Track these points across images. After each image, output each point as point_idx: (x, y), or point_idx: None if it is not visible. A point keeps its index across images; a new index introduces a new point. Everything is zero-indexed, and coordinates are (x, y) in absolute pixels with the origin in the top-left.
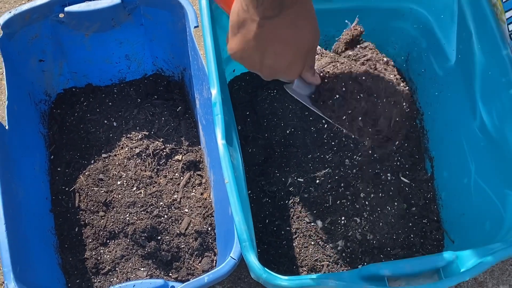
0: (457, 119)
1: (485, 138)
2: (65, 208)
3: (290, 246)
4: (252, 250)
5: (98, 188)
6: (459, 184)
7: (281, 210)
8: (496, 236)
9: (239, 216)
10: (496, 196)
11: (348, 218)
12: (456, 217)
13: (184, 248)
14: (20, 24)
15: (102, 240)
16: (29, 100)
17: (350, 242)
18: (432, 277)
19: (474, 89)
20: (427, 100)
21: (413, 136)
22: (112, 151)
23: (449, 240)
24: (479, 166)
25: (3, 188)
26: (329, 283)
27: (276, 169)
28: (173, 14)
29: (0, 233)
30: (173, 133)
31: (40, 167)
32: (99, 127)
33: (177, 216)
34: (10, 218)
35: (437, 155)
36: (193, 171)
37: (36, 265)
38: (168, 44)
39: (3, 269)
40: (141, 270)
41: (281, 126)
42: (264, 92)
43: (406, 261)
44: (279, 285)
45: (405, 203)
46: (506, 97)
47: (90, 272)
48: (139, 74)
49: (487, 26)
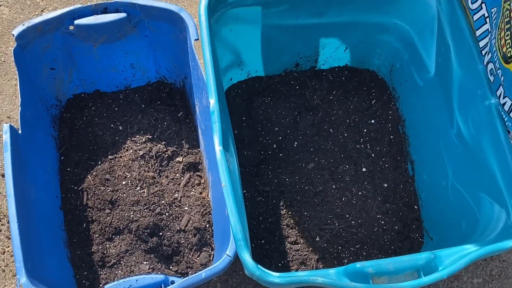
0: (436, 126)
1: (462, 145)
2: (74, 206)
3: (281, 242)
4: (247, 249)
5: (104, 187)
6: (438, 186)
7: (273, 208)
8: (472, 236)
9: (234, 217)
10: (472, 199)
11: (334, 216)
12: (434, 216)
13: (184, 243)
14: (33, 36)
15: (108, 235)
16: (41, 105)
17: (336, 239)
18: (413, 275)
19: (452, 99)
20: (409, 108)
21: (395, 140)
22: (117, 153)
23: (428, 237)
24: (456, 170)
25: (15, 188)
26: (317, 279)
27: (269, 170)
28: (175, 27)
29: (13, 231)
30: (175, 136)
31: (51, 167)
32: (106, 131)
33: (178, 214)
34: (22, 216)
35: (418, 159)
36: (193, 172)
37: (47, 259)
38: (170, 54)
39: (16, 264)
40: (144, 264)
41: (274, 131)
42: (259, 99)
43: (389, 260)
44: (271, 281)
45: (387, 203)
46: (482, 108)
47: (96, 265)
48: (144, 81)
49: (465, 42)
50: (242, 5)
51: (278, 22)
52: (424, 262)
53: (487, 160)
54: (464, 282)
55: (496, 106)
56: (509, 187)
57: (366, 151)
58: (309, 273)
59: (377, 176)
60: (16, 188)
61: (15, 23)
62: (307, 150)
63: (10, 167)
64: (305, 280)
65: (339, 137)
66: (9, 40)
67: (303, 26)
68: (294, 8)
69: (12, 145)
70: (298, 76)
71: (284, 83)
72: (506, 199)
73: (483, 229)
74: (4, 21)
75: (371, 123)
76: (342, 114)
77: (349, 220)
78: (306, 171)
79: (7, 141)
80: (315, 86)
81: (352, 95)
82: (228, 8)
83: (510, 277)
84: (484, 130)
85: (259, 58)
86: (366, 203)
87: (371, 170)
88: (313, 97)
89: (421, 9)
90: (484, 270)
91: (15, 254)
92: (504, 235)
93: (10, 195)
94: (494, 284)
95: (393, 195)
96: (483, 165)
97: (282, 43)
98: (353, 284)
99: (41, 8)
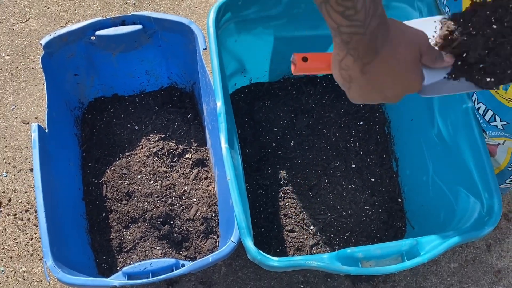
0: (418, 127)
1: (441, 144)
2: (94, 197)
3: (280, 230)
4: (249, 236)
5: (122, 181)
6: (419, 181)
7: (272, 200)
8: (450, 225)
9: (238, 207)
10: (450, 192)
11: (326, 207)
12: (416, 208)
13: (192, 231)
14: (59, 45)
15: (125, 223)
16: (66, 107)
17: (328, 227)
18: (397, 260)
19: (433, 103)
20: (394, 111)
21: (381, 140)
22: (134, 150)
23: (411, 226)
24: (436, 166)
25: (43, 181)
26: (312, 263)
27: (269, 166)
28: (186, 37)
29: (40, 219)
30: (184, 135)
31: (74, 162)
32: (123, 130)
33: (187, 205)
34: (48, 206)
35: (401, 156)
36: (201, 167)
37: (70, 244)
38: (181, 62)
39: (43, 249)
40: (157, 249)
41: (274, 131)
42: (260, 102)
43: (376, 246)
44: (271, 265)
45: (374, 195)
46: (460, 110)
47: (114, 250)
48: (157, 86)
49: None
50: (245, 19)
51: (277, 34)
52: (407, 248)
53: (464, 157)
54: (442, 266)
55: (472, 108)
56: (483, 181)
57: (355, 149)
58: (304, 258)
59: (365, 171)
60: (43, 181)
61: (42, 34)
62: (302, 148)
63: (38, 162)
64: (301, 264)
65: (331, 137)
66: (37, 49)
67: (299, 38)
68: (292, 21)
69: (39, 143)
70: (295, 82)
71: (282, 88)
72: (481, 192)
73: (459, 219)
74: (32, 32)
75: (360, 124)
76: (334, 116)
77: (340, 211)
78: (302, 167)
79: (36, 139)
80: (310, 91)
81: (343, 99)
82: (233, 22)
83: (483, 262)
84: (462, 130)
85: (260, 66)
86: (355, 196)
87: (359, 167)
88: (308, 101)
89: None
90: (460, 255)
91: (42, 240)
92: (478, 224)
93: (38, 187)
94: (469, 268)
95: (379, 188)
96: (461, 162)
97: (281, 53)
98: (344, 267)
99: (65, 20)
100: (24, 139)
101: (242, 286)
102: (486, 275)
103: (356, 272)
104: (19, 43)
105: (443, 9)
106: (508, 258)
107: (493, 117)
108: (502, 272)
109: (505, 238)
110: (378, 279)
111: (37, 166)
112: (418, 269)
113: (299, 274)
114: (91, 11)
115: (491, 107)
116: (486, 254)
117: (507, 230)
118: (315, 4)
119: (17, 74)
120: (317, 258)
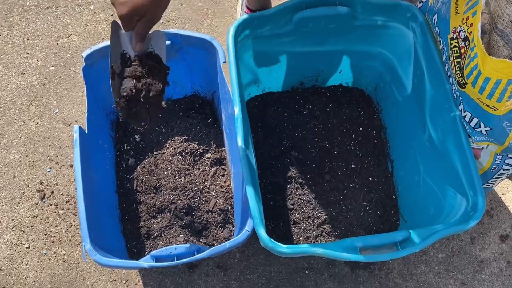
0: (411, 132)
1: (432, 147)
2: (126, 190)
3: (288, 221)
4: (262, 226)
5: (150, 176)
6: (412, 180)
7: (282, 195)
8: (438, 219)
9: (253, 201)
10: (439, 190)
11: (329, 202)
12: (409, 204)
13: (211, 221)
14: (97, 57)
15: (152, 214)
16: (102, 111)
17: (330, 220)
18: (392, 248)
19: (424, 111)
20: (390, 118)
21: (378, 144)
22: (161, 150)
23: (403, 220)
24: (426, 167)
25: (83, 175)
26: (318, 250)
27: (278, 165)
28: (207, 52)
29: (80, 208)
30: (205, 138)
31: (109, 160)
32: (152, 132)
33: (207, 198)
34: (87, 197)
35: (396, 158)
36: (219, 165)
37: (105, 231)
38: (203, 74)
39: (82, 234)
40: (180, 237)
41: (283, 135)
42: (271, 110)
43: (374, 236)
44: (281, 251)
45: (371, 193)
46: (448, 118)
47: (143, 237)
48: (181, 94)
49: (435, 67)
50: (260, 36)
51: (288, 49)
52: (401, 238)
53: (452, 159)
54: (431, 256)
55: (459, 116)
56: (469, 181)
57: (355, 152)
58: (311, 245)
59: (364, 171)
60: (83, 176)
61: (82, 48)
62: (308, 150)
63: (78, 159)
64: (308, 251)
65: (334, 140)
66: (78, 61)
67: (307, 53)
68: (300, 38)
69: (80, 142)
70: (302, 92)
71: (291, 97)
72: (467, 190)
73: (447, 214)
74: (73, 46)
75: (359, 130)
76: (336, 123)
77: (341, 206)
78: (307, 166)
79: (77, 138)
80: (315, 100)
81: (344, 108)
82: (250, 38)
83: (467, 253)
84: (450, 136)
85: (272, 77)
86: (355, 193)
87: (359, 167)
88: (313, 109)
89: (401, 41)
90: (446, 247)
91: (82, 226)
92: (464, 218)
93: (78, 181)
94: (454, 258)
95: (376, 187)
96: (449, 163)
97: (290, 66)
98: (346, 254)
99: (102, 36)
100: (65, 139)
101: (254, 270)
102: (470, 265)
103: (356, 258)
104: (62, 55)
105: (434, 29)
106: (489, 250)
107: (478, 124)
108: (484, 263)
109: (487, 232)
110: (374, 266)
111: (78, 162)
112: (410, 258)
113: (304, 261)
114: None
115: (476, 115)
116: (470, 246)
117: (489, 225)
118: (321, 24)
119: (60, 83)
120: (322, 246)
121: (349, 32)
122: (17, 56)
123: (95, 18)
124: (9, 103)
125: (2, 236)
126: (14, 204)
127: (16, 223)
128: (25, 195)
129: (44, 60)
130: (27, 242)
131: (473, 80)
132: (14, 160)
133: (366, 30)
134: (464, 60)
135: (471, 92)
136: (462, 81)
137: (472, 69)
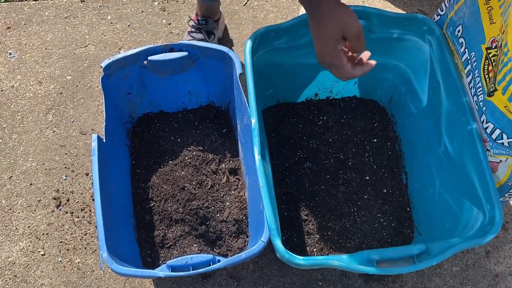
0: (426, 145)
1: (447, 160)
2: (141, 199)
3: (302, 232)
4: (278, 237)
5: (165, 186)
6: (427, 193)
7: (296, 206)
8: (454, 232)
9: (269, 211)
10: (455, 203)
11: (343, 214)
12: (424, 217)
13: (225, 231)
14: (116, 67)
15: (166, 223)
16: (119, 121)
17: (344, 232)
18: (408, 261)
19: (440, 124)
20: (404, 130)
21: (393, 156)
22: (176, 159)
23: (418, 233)
24: (442, 180)
25: (100, 184)
26: (334, 263)
27: (292, 176)
28: (224, 63)
29: (98, 217)
30: (220, 148)
31: (125, 169)
32: (168, 142)
33: (221, 208)
34: (104, 206)
35: (411, 171)
36: (233, 175)
37: (121, 240)
38: (219, 84)
39: (99, 242)
40: (194, 246)
41: (297, 146)
42: (286, 120)
43: (390, 249)
44: (298, 263)
45: (386, 205)
46: (465, 131)
47: (157, 246)
48: (197, 104)
49: (451, 79)
50: (276, 48)
51: (302, 61)
52: (418, 251)
53: (468, 172)
54: (445, 269)
55: (476, 130)
56: (486, 194)
57: (369, 163)
58: (327, 258)
59: (378, 183)
60: (100, 184)
61: (99, 58)
62: (322, 161)
63: (96, 168)
64: (324, 263)
65: (348, 152)
66: (94, 71)
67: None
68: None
69: (98, 151)
70: (317, 103)
71: (305, 108)
72: (483, 204)
73: (463, 227)
74: (91, 56)
75: (373, 141)
76: (351, 134)
77: (355, 217)
78: (322, 178)
79: (95, 147)
80: (330, 111)
81: (359, 119)
82: (266, 51)
83: (482, 267)
84: (466, 149)
85: (287, 88)
86: (369, 205)
87: (373, 179)
88: (328, 120)
89: (416, 53)
90: (461, 260)
91: (99, 235)
92: (481, 232)
93: (96, 188)
94: (469, 272)
95: (390, 199)
96: (465, 176)
97: (305, 78)
98: (362, 267)
99: (119, 46)
100: (81, 148)
101: (267, 281)
102: (485, 279)
103: (372, 271)
104: (79, 65)
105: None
106: (505, 264)
107: (501, 135)
108: (499, 277)
109: (502, 246)
110: (388, 279)
111: (96, 171)
112: (424, 271)
113: (317, 272)
114: (141, 39)
115: (499, 126)
116: (485, 260)
117: (504, 238)
118: None
119: (77, 92)
120: (338, 258)
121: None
122: (35, 65)
123: (112, 28)
124: (27, 111)
125: (18, 243)
126: (30, 212)
127: (32, 230)
128: (41, 202)
129: (62, 69)
130: (43, 249)
131: (504, 86)
132: (31, 168)
133: (382, 43)
134: (497, 67)
135: (498, 100)
136: (492, 88)
137: (505, 74)
